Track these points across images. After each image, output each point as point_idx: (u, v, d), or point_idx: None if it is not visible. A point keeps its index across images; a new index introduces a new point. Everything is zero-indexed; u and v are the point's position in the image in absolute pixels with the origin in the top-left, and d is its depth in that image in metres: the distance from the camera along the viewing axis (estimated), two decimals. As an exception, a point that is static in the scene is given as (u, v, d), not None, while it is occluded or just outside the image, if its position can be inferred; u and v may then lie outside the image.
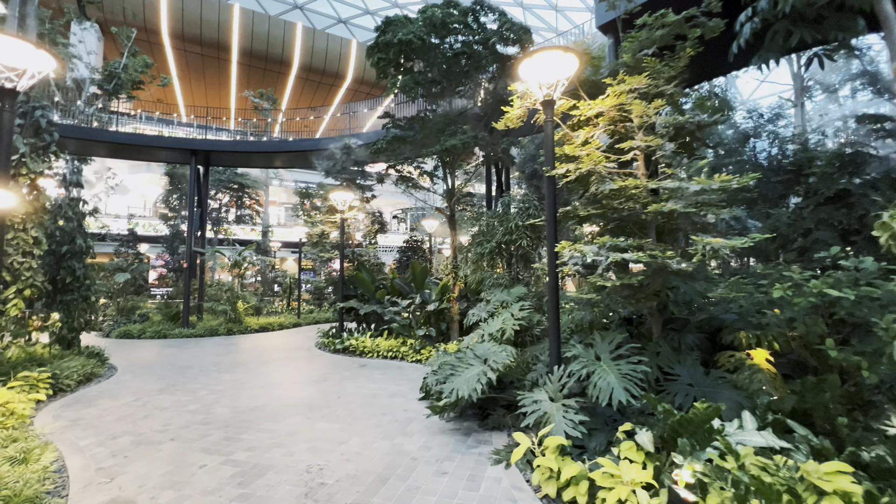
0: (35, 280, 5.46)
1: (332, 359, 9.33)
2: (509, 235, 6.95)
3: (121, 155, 15.46)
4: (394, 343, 9.46)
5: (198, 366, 8.57)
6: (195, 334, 13.20)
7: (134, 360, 9.20)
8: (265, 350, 10.59)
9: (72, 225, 7.70)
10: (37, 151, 5.63)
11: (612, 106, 4.25)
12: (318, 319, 17.54)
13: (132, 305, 15.12)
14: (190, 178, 14.35)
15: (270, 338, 13.02)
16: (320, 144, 14.16)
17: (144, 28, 31.31)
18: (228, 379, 7.37)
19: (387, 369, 8.14)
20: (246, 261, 15.08)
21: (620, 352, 3.84)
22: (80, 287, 7.73)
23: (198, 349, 10.75)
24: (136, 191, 34.85)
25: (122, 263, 15.14)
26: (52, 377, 6.25)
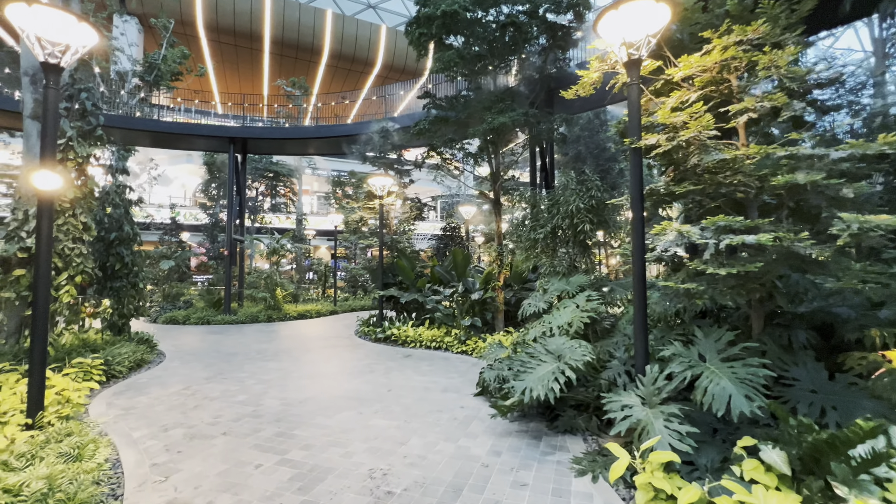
0: (86, 266, 5.38)
1: (374, 348, 9.09)
2: (569, 219, 6.36)
3: (163, 144, 15.71)
4: (437, 333, 9.12)
5: (242, 353, 8.51)
6: (237, 321, 13.35)
7: (181, 346, 9.27)
8: (306, 338, 10.50)
9: (119, 212, 7.69)
10: (83, 135, 5.51)
11: (715, 62, 3.59)
12: (353, 307, 17.51)
13: (176, 292, 15.49)
14: (229, 165, 14.39)
15: (309, 325, 12.99)
16: (356, 129, 13.85)
17: (181, 20, 31.87)
18: (274, 367, 7.22)
19: (433, 360, 7.80)
20: (283, 248, 15.11)
21: (732, 351, 3.26)
22: (128, 274, 7.74)
23: (240, 336, 10.79)
24: (177, 181, 36.03)
25: (165, 251, 15.51)
26: (105, 364, 6.25)
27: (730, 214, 3.88)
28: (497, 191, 9.65)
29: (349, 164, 33.19)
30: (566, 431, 4.27)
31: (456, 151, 9.60)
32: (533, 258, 7.30)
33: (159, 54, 20.60)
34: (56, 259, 5.19)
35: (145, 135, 14.38)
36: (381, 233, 10.44)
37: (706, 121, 3.31)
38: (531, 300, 6.24)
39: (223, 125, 15.24)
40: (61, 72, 4.05)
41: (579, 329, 4.87)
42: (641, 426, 3.20)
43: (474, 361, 7.74)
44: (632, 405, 3.40)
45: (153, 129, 13.74)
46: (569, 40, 8.84)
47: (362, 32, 39.34)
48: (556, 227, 6.81)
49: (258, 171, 20.16)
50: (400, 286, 11.13)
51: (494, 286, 9.30)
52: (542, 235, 6.82)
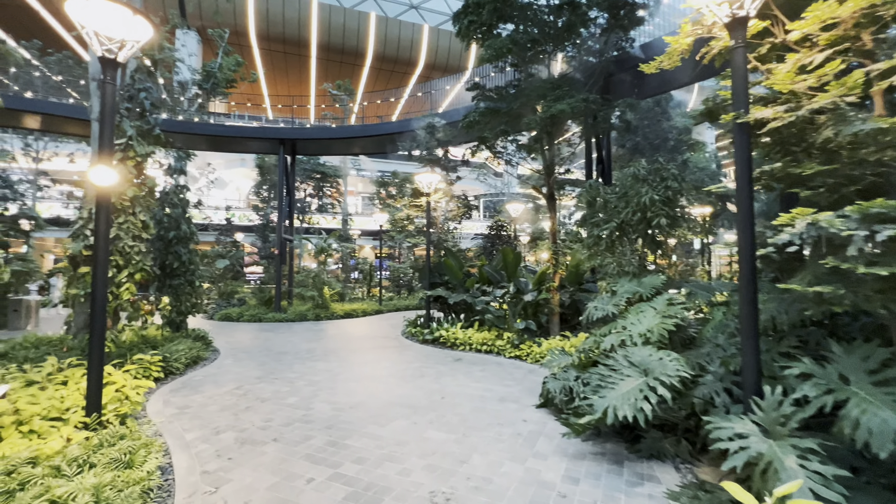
0: (144, 264, 5.45)
1: (422, 350, 8.78)
2: (640, 212, 5.70)
3: (218, 147, 16.35)
4: (487, 336, 8.66)
5: (292, 352, 8.48)
6: (286, 319, 13.58)
7: (234, 343, 9.43)
8: (353, 337, 10.40)
9: (177, 211, 7.87)
10: (142, 134, 5.59)
11: (854, 11, 2.89)
12: (398, 307, 17.42)
13: (231, 290, 16.07)
14: (280, 166, 14.70)
15: (356, 324, 12.96)
16: (401, 127, 13.68)
17: (235, 31, 33.46)
18: (323, 368, 7.07)
19: (485, 365, 7.36)
20: (331, 247, 15.25)
21: (890, 373, 2.57)
22: (185, 272, 7.90)
23: (290, 334, 10.88)
24: (231, 185, 37.95)
25: (221, 251, 16.16)
26: (163, 360, 6.33)
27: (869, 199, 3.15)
28: (551, 186, 9.04)
29: (393, 165, 33.45)
30: (651, 456, 3.69)
31: (507, 144, 9.09)
32: (598, 257, 6.67)
33: (216, 63, 21.63)
34: (117, 256, 5.26)
35: (203, 139, 15.01)
36: (429, 231, 10.13)
37: (853, 81, 2.63)
38: (597, 303, 5.64)
39: (274, 127, 15.65)
40: (118, 66, 4.00)
41: (662, 338, 4.24)
42: (764, 462, 2.58)
43: (529, 367, 7.21)
44: (747, 434, 2.78)
45: (210, 133, 14.29)
46: (633, 18, 8.08)
47: (405, 33, 39.60)
48: (625, 221, 6.15)
49: (306, 171, 20.64)
50: (447, 286, 10.78)
51: (549, 287, 8.70)
52: (607, 231, 6.18)
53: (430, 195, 10.31)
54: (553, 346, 7.68)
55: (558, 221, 9.40)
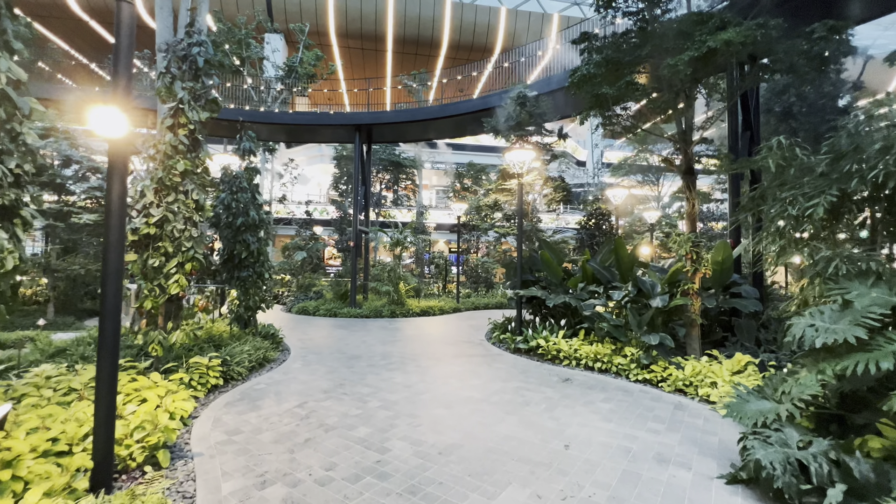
0: (197, 252, 4.56)
1: (515, 362, 7.20)
2: (876, 178, 3.53)
3: (296, 137, 16.17)
4: (600, 349, 6.82)
5: (366, 356, 7.39)
6: (361, 314, 12.80)
7: (306, 341, 8.63)
8: (432, 340, 9.12)
9: (246, 196, 7.12)
10: (195, 97, 4.72)
11: None
12: (476, 304, 15.97)
13: (308, 282, 15.83)
14: (356, 154, 13.98)
15: (433, 324, 11.74)
16: (484, 104, 12.13)
17: (316, 31, 34.32)
18: (401, 383, 5.80)
19: (606, 391, 5.56)
20: (406, 240, 14.25)
21: None
22: (254, 263, 7.14)
23: (364, 333, 9.93)
24: (313, 180, 39.40)
25: (300, 243, 16.03)
26: (223, 364, 5.49)
27: None
28: (689, 157, 6.89)
29: (469, 156, 32.06)
30: None
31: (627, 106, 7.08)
32: (794, 249, 4.53)
33: (297, 58, 21.86)
34: (166, 243, 4.40)
35: (281, 129, 14.81)
36: (521, 219, 8.47)
37: None
38: (816, 320, 3.58)
39: (349, 113, 15.07)
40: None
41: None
42: None
43: (672, 400, 5.28)
44: None
45: (288, 122, 13.98)
46: None
47: (481, 18, 37.92)
48: (848, 193, 3.99)
49: (382, 161, 20.01)
50: (541, 285, 9.06)
51: (688, 290, 6.60)
52: (816, 211, 4.05)
53: (522, 176, 8.63)
54: (703, 371, 5.64)
55: (665, 208, 7.20)
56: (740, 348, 6.55)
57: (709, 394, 5.34)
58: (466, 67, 19.55)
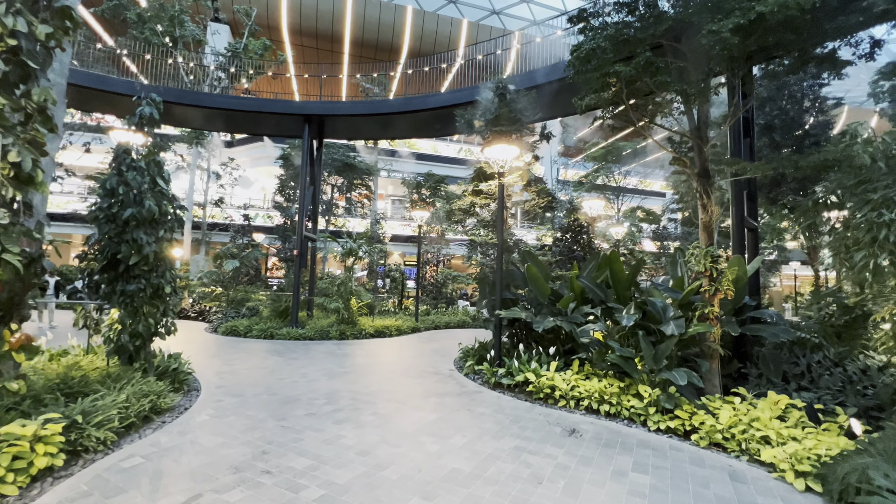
0: (7, 250, 2.67)
1: (500, 403, 5.70)
2: None
3: (236, 126, 13.97)
4: (605, 386, 5.52)
5: (305, 399, 5.56)
6: (304, 336, 10.77)
7: (227, 376, 6.60)
8: (392, 371, 7.41)
9: (141, 180, 5.14)
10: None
11: None
12: (437, 323, 14.40)
13: (242, 296, 13.47)
14: (304, 149, 12.08)
15: (390, 347, 10.00)
16: (455, 98, 10.82)
17: (267, 25, 31.86)
18: (354, 446, 4.08)
19: (631, 451, 4.20)
20: (361, 249, 12.46)
21: None
22: (148, 272, 5.14)
23: (306, 361, 8.00)
24: (257, 184, 36.20)
25: (231, 250, 13.68)
26: (70, 428, 3.50)
27: None
28: (704, 157, 5.91)
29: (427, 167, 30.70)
30: None
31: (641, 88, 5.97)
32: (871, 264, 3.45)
33: (241, 43, 19.56)
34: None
35: (217, 116, 12.60)
36: (501, 225, 7.10)
37: None
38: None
39: (299, 101, 13.14)
40: None
41: None
42: None
43: (720, 462, 4.00)
44: None
45: (223, 107, 11.84)
46: None
47: (443, 29, 37.31)
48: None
49: (335, 162, 18.03)
50: (524, 304, 7.70)
51: (708, 314, 5.49)
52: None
53: (503, 175, 7.30)
54: (743, 418, 4.44)
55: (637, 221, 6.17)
56: (767, 384, 5.51)
57: (757, 450, 4.14)
58: (433, 59, 18.27)
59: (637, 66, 4.99)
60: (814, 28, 4.64)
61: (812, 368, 5.47)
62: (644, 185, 32.65)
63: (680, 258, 7.60)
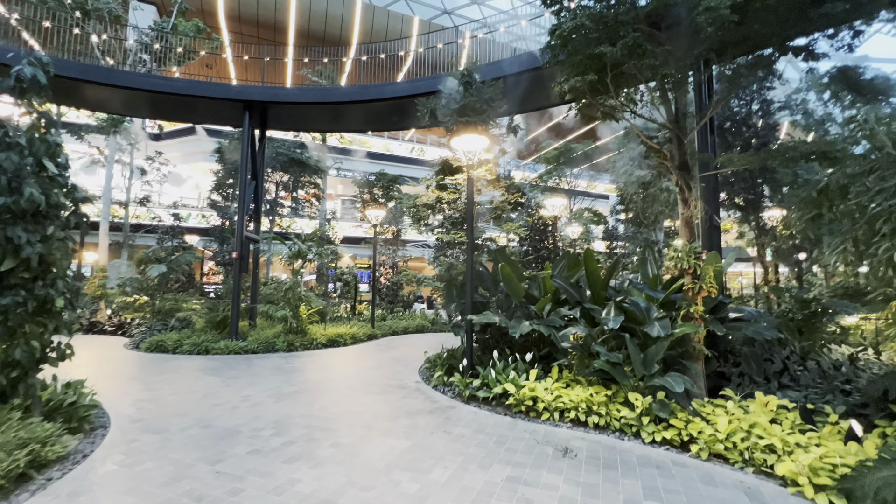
0: None
1: (478, 420, 5.08)
2: None
3: (164, 112, 12.30)
4: (590, 395, 5.07)
5: (249, 432, 4.59)
6: (246, 349, 9.53)
7: (146, 406, 5.40)
8: (351, 387, 6.53)
9: (16, 161, 3.95)
10: None
11: None
12: (394, 329, 13.59)
13: (172, 306, 11.82)
14: (244, 139, 10.77)
15: (346, 358, 9.07)
16: (414, 88, 10.11)
17: (201, 10, 29.22)
18: (312, 494, 3.24)
19: (633, 470, 3.73)
20: (311, 251, 11.34)
21: None
22: (30, 281, 3.95)
23: (249, 380, 6.90)
24: (190, 181, 33.08)
25: (157, 253, 11.95)
26: None
27: None
28: (683, 149, 5.69)
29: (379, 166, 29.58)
30: None
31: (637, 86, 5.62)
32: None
33: (169, 22, 17.50)
34: None
35: (141, 99, 10.93)
36: (471, 221, 6.50)
37: None
38: None
39: (239, 85, 11.67)
40: None
41: None
42: None
43: (729, 478, 3.63)
44: None
45: (148, 89, 10.26)
46: None
47: (394, 25, 36.34)
48: None
49: (280, 156, 16.55)
50: (497, 307, 7.15)
51: (692, 314, 5.23)
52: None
53: (473, 167, 6.72)
54: (742, 424, 4.14)
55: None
56: (750, 384, 5.35)
57: (763, 461, 3.83)
58: (390, 45, 17.40)
59: (624, 46, 4.61)
60: (799, 16, 4.51)
61: (788, 366, 5.38)
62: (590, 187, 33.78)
63: (649, 255, 7.43)
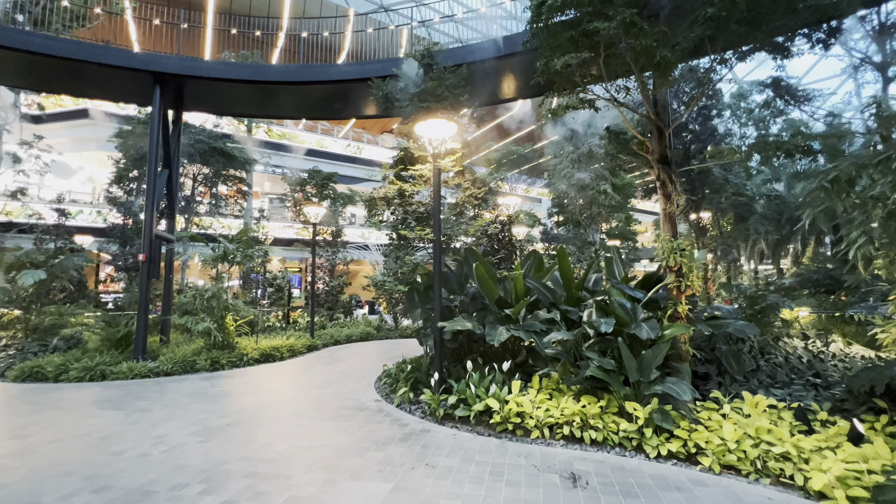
0: None
1: (463, 446, 4.34)
2: None
3: (49, 82, 9.92)
4: (585, 408, 4.58)
5: (165, 491, 3.40)
6: (158, 371, 7.86)
7: (8, 461, 3.89)
8: (299, 413, 5.43)
9: None
10: None
11: None
12: (336, 338, 12.38)
13: (52, 322, 9.50)
14: (153, 120, 8.97)
15: (286, 375, 7.81)
16: (363, 71, 9.11)
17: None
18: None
19: (661, 500, 3.25)
20: (237, 253, 9.77)
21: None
22: None
23: (163, 413, 5.46)
24: (82, 173, 28.29)
25: (34, 257, 9.51)
26: None
27: None
28: (665, 141, 5.49)
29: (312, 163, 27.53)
30: None
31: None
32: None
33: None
34: None
35: (8, 61, 8.64)
36: (437, 216, 5.76)
37: None
38: None
39: (147, 53, 9.62)
40: None
41: None
42: None
43: (753, 495, 3.28)
44: None
45: (17, 47, 8.08)
46: None
47: (327, 13, 34.34)
48: None
49: (199, 144, 14.37)
50: (455, 310, 6.46)
51: (677, 313, 4.99)
52: None
53: (440, 157, 6.00)
54: (747, 430, 3.87)
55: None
56: (731, 383, 5.23)
57: (779, 470, 3.58)
58: (336, 22, 16.12)
59: (622, 22, 4.20)
60: (787, 7, 4.44)
61: (758, 362, 5.38)
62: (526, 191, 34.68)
63: (615, 254, 7.25)
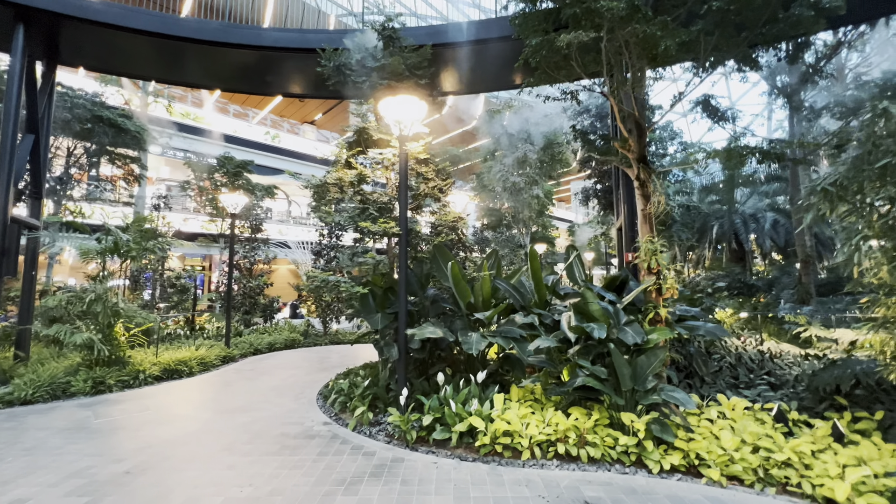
0: None
1: (449, 477, 3.65)
2: None
3: None
4: (579, 421, 4.17)
5: None
6: (10, 398, 5.90)
7: None
8: (227, 447, 4.24)
9: None
10: None
11: None
12: (257, 346, 10.81)
13: None
14: (12, 69, 6.82)
15: (200, 396, 6.35)
16: (304, 40, 7.90)
17: None
18: None
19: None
20: (132, 244, 7.83)
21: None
22: None
23: (20, 466, 3.89)
24: None
25: None
26: None
27: None
28: (644, 140, 5.36)
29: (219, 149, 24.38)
30: None
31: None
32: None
33: None
34: None
35: None
36: (404, 207, 4.99)
37: None
38: None
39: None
40: None
41: None
42: None
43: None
44: None
45: None
46: None
47: None
48: None
49: (78, 110, 11.47)
50: (436, 317, 5.73)
51: (658, 317, 4.85)
52: None
53: (407, 140, 5.25)
54: (743, 436, 3.75)
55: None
56: (702, 386, 5.25)
57: (784, 478, 3.48)
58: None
59: (630, 3, 3.87)
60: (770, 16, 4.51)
61: (721, 364, 5.52)
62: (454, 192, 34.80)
63: (573, 254, 7.10)
